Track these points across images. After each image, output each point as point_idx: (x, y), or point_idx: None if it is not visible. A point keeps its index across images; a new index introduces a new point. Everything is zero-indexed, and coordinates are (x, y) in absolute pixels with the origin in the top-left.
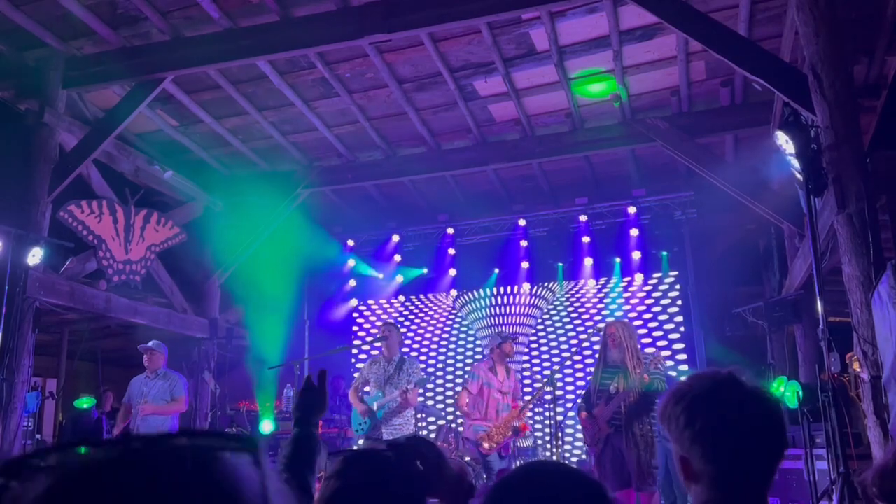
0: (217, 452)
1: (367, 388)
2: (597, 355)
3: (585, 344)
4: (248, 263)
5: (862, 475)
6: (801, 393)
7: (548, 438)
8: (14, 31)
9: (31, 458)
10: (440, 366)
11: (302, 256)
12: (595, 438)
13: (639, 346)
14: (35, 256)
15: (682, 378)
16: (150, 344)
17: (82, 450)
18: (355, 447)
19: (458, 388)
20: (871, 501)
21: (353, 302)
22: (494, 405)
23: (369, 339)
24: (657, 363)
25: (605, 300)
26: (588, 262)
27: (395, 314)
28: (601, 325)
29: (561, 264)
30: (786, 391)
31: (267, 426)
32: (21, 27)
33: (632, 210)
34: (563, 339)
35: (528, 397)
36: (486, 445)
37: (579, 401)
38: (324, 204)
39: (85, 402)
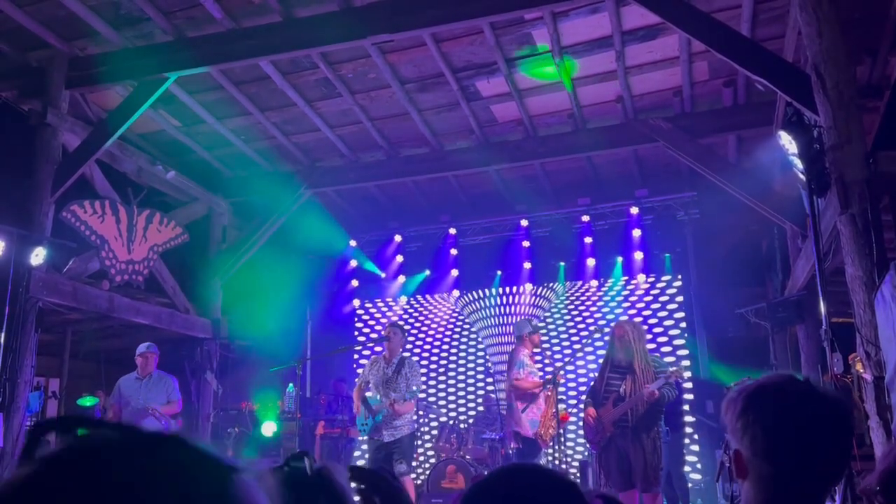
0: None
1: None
2: (602, 356)
3: (588, 348)
4: (249, 264)
5: (864, 481)
6: None
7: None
8: (17, 32)
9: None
10: (442, 366)
11: (304, 257)
12: (598, 437)
13: (647, 349)
14: (38, 256)
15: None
16: (146, 348)
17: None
18: (363, 446)
19: (461, 388)
20: None
21: (356, 302)
22: (542, 394)
23: (369, 342)
24: (677, 376)
25: (608, 301)
26: (590, 262)
27: (395, 317)
28: (606, 329)
29: (563, 263)
30: None
31: (269, 427)
32: (24, 27)
33: (634, 210)
34: (565, 340)
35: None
36: (540, 440)
37: (584, 396)
38: (326, 204)
39: (88, 401)
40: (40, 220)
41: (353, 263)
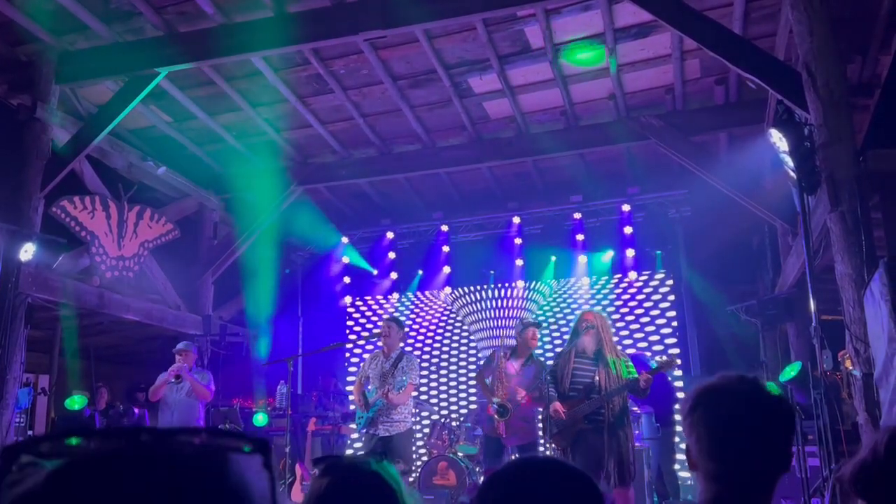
0: (227, 453)
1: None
2: (566, 342)
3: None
4: (241, 260)
5: (840, 471)
6: (797, 371)
7: (541, 434)
8: (6, 26)
9: (32, 445)
10: (434, 363)
11: (295, 253)
12: (566, 432)
13: (614, 340)
14: (27, 252)
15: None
16: (183, 346)
17: (73, 440)
18: (355, 442)
19: (453, 385)
20: (849, 498)
21: (347, 299)
22: (506, 385)
23: (364, 334)
24: (668, 367)
25: (599, 298)
26: (582, 259)
27: (387, 314)
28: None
29: (553, 258)
30: (787, 368)
31: (259, 422)
32: (13, 21)
33: (626, 208)
34: (557, 337)
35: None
36: (496, 401)
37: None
38: (317, 201)
39: (76, 403)
40: (30, 215)
41: (345, 260)
